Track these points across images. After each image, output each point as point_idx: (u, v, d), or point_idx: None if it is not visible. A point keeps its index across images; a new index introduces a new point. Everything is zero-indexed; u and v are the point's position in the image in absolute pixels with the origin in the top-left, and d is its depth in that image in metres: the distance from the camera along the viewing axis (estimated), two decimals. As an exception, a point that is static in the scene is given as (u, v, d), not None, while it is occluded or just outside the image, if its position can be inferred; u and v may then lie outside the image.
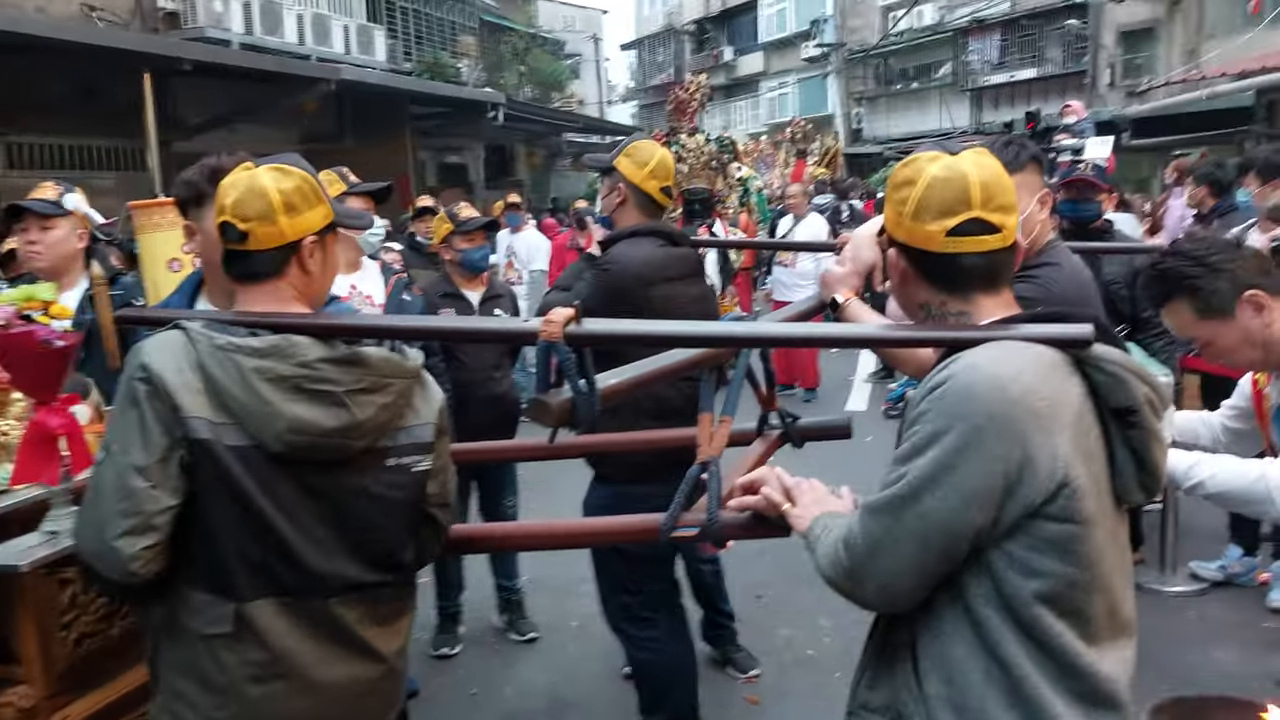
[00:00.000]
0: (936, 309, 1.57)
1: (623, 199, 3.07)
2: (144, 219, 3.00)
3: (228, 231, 1.75)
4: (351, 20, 15.27)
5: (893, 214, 1.57)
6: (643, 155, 3.07)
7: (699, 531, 1.76)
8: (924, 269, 1.55)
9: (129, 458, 1.63)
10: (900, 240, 1.56)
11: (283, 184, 1.75)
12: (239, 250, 1.76)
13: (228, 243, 1.76)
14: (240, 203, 1.73)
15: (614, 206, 3.09)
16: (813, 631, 4.35)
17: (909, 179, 1.55)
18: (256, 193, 1.73)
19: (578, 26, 36.57)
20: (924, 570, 1.43)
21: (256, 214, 1.73)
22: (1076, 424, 1.41)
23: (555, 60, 25.54)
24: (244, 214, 1.73)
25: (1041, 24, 23.86)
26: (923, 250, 1.53)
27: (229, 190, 1.76)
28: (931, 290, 1.56)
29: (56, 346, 2.10)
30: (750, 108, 34.75)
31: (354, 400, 1.71)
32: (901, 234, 1.56)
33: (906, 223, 1.54)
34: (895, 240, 1.58)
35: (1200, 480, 2.07)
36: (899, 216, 1.55)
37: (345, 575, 1.75)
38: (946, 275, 1.55)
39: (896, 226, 1.56)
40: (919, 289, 1.57)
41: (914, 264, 1.56)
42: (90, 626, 2.27)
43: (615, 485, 3.09)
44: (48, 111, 10.74)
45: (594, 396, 1.59)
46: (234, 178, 1.78)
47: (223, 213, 1.75)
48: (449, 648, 4.35)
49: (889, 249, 1.61)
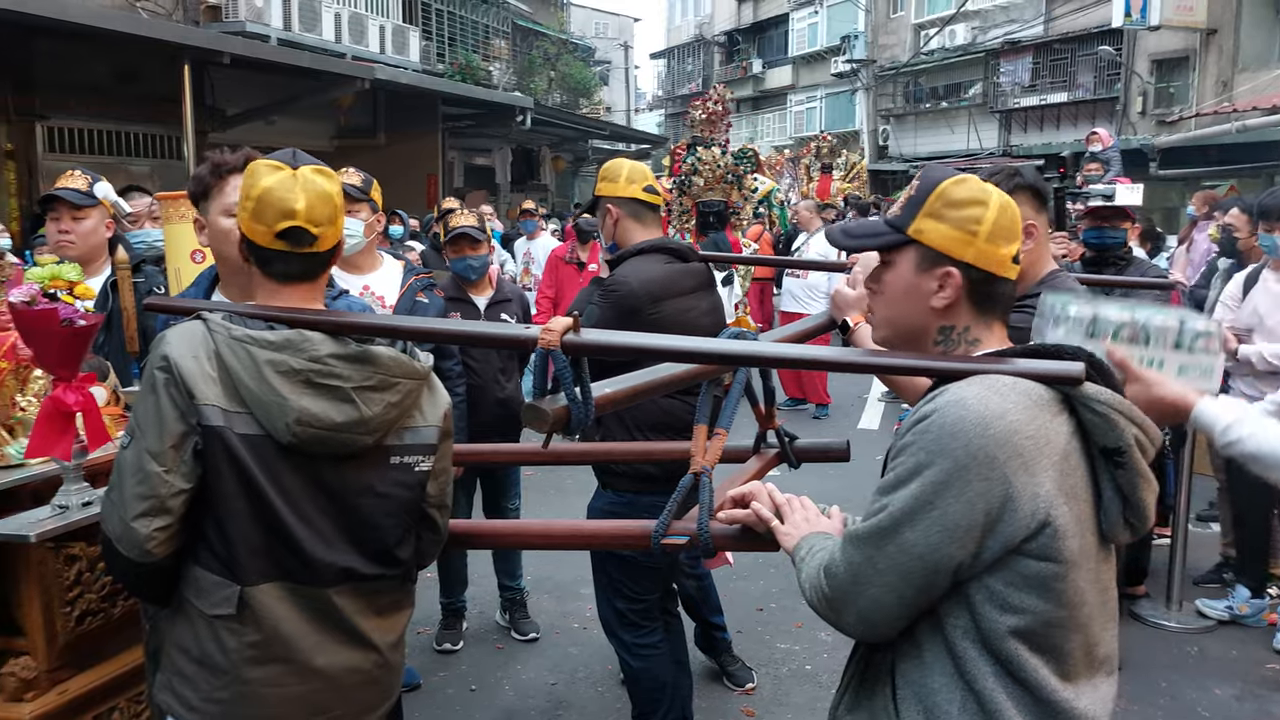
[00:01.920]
0: (957, 335, 1.55)
1: (615, 217, 3.13)
2: (170, 209, 3.05)
3: (301, 237, 1.76)
4: (388, 20, 15.42)
5: (959, 233, 1.51)
6: (613, 171, 3.19)
7: (688, 540, 1.78)
8: (979, 292, 1.53)
9: (146, 442, 1.69)
10: (964, 260, 1.51)
11: (333, 186, 1.81)
12: (304, 253, 1.79)
13: (295, 247, 1.77)
14: (313, 208, 1.76)
15: (612, 229, 3.14)
16: (812, 645, 4.37)
17: (976, 199, 1.52)
18: (324, 198, 1.78)
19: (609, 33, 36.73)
20: (903, 602, 1.43)
21: (327, 218, 1.78)
22: (1062, 463, 1.40)
23: (585, 67, 25.63)
24: (317, 219, 1.77)
25: (1074, 48, 23.73)
26: (987, 273, 1.51)
27: (288, 195, 1.76)
28: (970, 314, 1.54)
29: (78, 326, 2.16)
30: (777, 120, 34.77)
31: (362, 397, 1.75)
32: (970, 254, 1.51)
33: (980, 244, 1.50)
34: (955, 259, 1.51)
35: (1239, 438, 1.89)
36: (970, 236, 1.51)
37: (346, 566, 1.79)
38: (992, 301, 1.54)
39: (965, 246, 1.51)
40: (957, 312, 1.54)
41: (970, 286, 1.52)
42: (93, 604, 2.33)
43: (620, 493, 3.13)
44: (88, 97, 10.91)
45: (589, 405, 1.62)
46: (279, 180, 1.77)
47: (292, 218, 1.75)
48: (451, 643, 4.39)
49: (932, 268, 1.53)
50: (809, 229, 9.33)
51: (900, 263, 1.57)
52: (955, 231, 1.52)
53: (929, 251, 1.53)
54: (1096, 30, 22.23)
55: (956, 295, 1.53)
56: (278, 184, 1.77)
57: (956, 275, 1.52)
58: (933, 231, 1.53)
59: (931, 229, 1.53)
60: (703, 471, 1.83)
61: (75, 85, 10.69)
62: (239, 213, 1.80)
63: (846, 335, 2.10)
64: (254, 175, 1.79)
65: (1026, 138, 25.01)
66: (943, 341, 1.56)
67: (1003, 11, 25.40)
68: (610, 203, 3.13)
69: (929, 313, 1.55)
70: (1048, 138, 24.09)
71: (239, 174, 2.08)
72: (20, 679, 2.16)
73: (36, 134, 10.71)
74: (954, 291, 1.52)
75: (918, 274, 1.55)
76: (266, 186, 1.76)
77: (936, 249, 1.53)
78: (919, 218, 1.54)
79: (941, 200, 1.53)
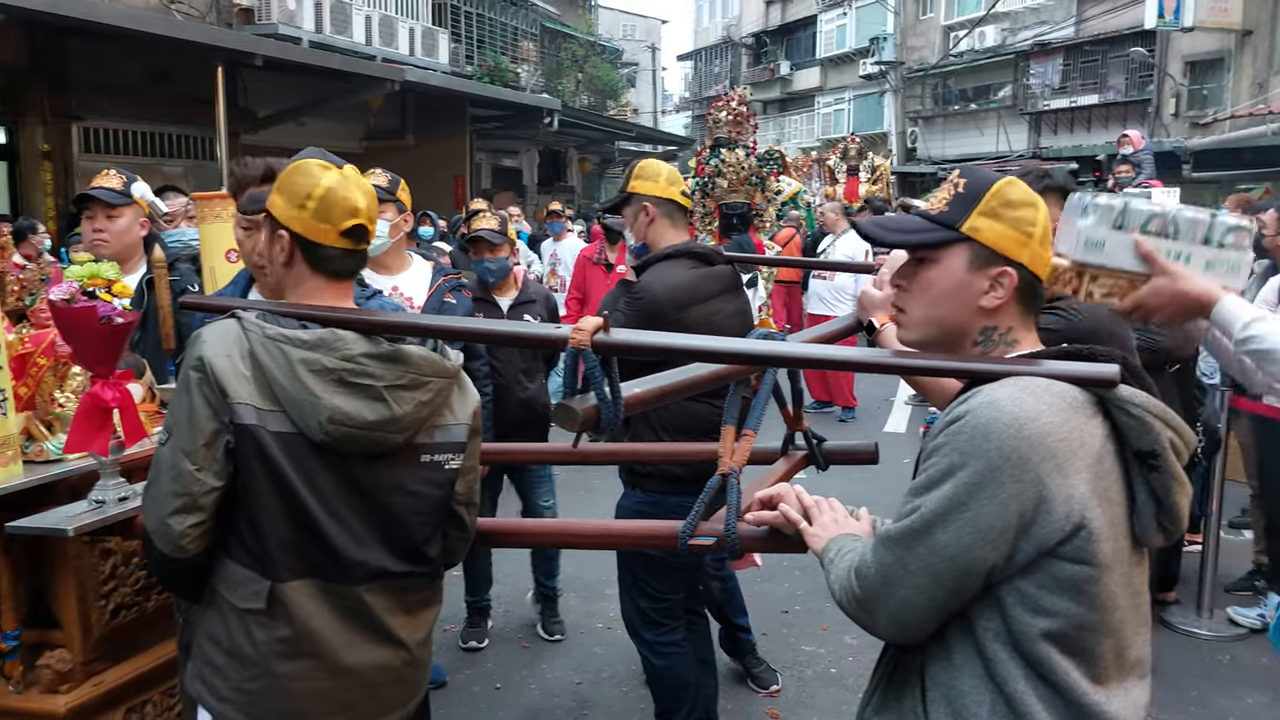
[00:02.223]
0: (999, 335, 1.54)
1: (651, 217, 3.12)
2: (206, 209, 3.10)
3: (363, 234, 1.83)
4: (417, 23, 15.51)
5: (1015, 233, 1.51)
6: (652, 170, 3.18)
7: (715, 541, 1.79)
8: (1027, 293, 1.53)
9: (179, 441, 1.72)
10: (1019, 261, 1.51)
11: (371, 188, 1.87)
12: (358, 249, 1.85)
13: (356, 244, 1.83)
14: (370, 206, 1.83)
15: (645, 228, 3.14)
16: (837, 648, 4.36)
17: (1029, 200, 1.52)
18: (371, 195, 1.85)
19: (637, 35, 36.77)
20: (934, 604, 1.43)
21: (376, 215, 1.86)
22: (1096, 466, 1.40)
23: (612, 69, 25.67)
24: (373, 216, 1.84)
25: (1106, 50, 23.51)
26: (1035, 275, 1.53)
27: (348, 195, 1.80)
28: (1016, 315, 1.54)
29: (116, 323, 2.19)
30: (805, 122, 34.65)
31: (393, 395, 1.77)
32: (1025, 255, 1.51)
33: (1034, 246, 1.51)
34: (1011, 260, 1.51)
35: (1257, 334, 1.84)
36: (1026, 237, 1.51)
37: (376, 564, 1.81)
38: (1035, 303, 1.55)
39: (1021, 247, 1.51)
40: (1004, 313, 1.54)
41: (1022, 288, 1.52)
42: (128, 598, 2.37)
43: (647, 493, 3.13)
44: (122, 98, 11.05)
45: (618, 404, 1.63)
46: (340, 180, 1.81)
47: (356, 216, 1.80)
48: (476, 641, 4.42)
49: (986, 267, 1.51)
50: (834, 230, 9.29)
51: (949, 260, 1.54)
52: (1012, 232, 1.51)
53: (984, 250, 1.52)
54: (1128, 31, 22.02)
55: (1009, 296, 1.52)
56: (338, 184, 1.81)
57: (1014, 275, 1.51)
58: (989, 230, 1.52)
59: (987, 227, 1.52)
60: (730, 473, 1.84)
61: (110, 87, 10.84)
62: (293, 213, 1.81)
63: (872, 336, 2.10)
64: (310, 176, 1.81)
65: (1056, 140, 24.80)
66: (983, 342, 1.55)
67: (1033, 13, 25.21)
68: (648, 201, 3.12)
69: (976, 312, 1.54)
70: (1078, 140, 23.89)
71: None
72: (56, 671, 2.20)
73: (72, 135, 10.86)
74: (1007, 292, 1.52)
75: (969, 272, 1.53)
76: (328, 186, 1.80)
77: (992, 248, 1.52)
78: (974, 215, 1.53)
79: (998, 199, 1.53)
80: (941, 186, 1.61)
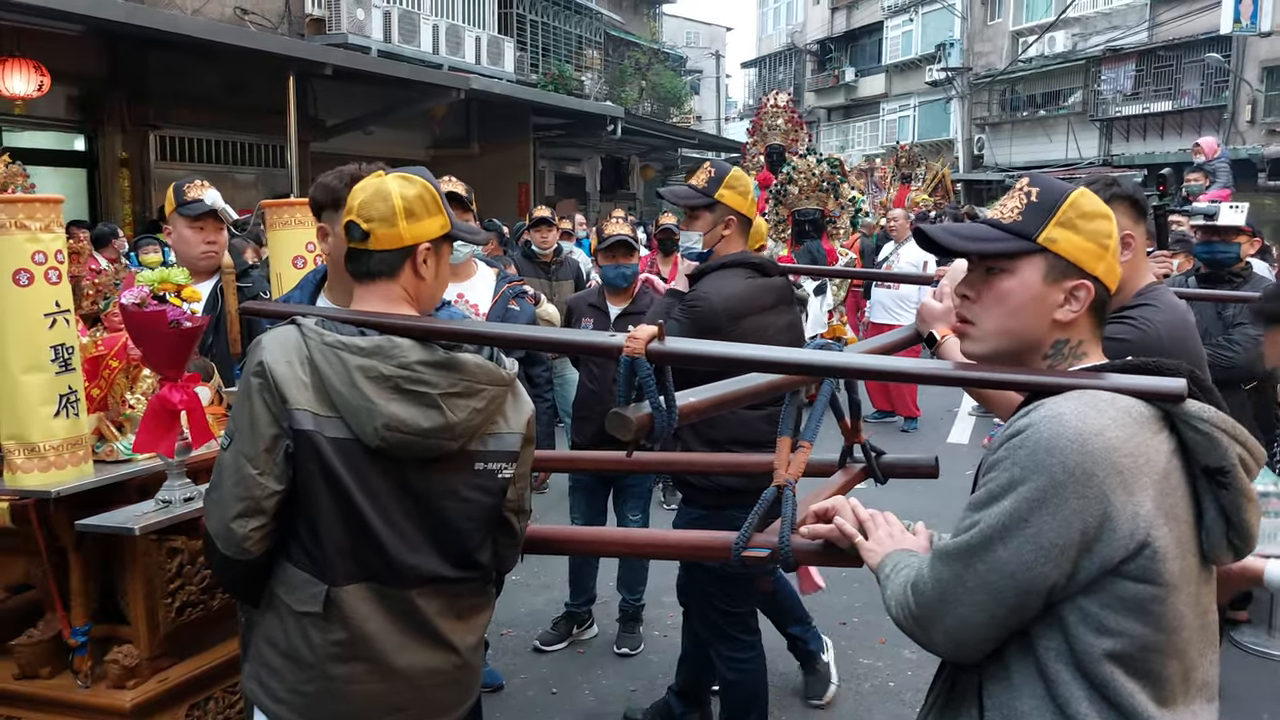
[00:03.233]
0: (1070, 349, 1.51)
1: (731, 230, 3.10)
2: (274, 216, 3.16)
3: (352, 230, 1.85)
4: (483, 32, 15.69)
5: (1093, 245, 1.49)
6: (744, 184, 3.13)
7: (769, 554, 1.77)
8: (1099, 307, 1.51)
9: (242, 445, 1.76)
10: (1095, 274, 1.49)
11: (406, 191, 1.85)
12: (360, 249, 1.86)
13: (351, 241, 1.86)
14: (366, 204, 1.84)
15: (718, 237, 3.11)
16: (895, 662, 4.30)
17: (1103, 212, 1.50)
18: (381, 196, 1.84)
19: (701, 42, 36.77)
20: (994, 622, 1.40)
21: (379, 216, 1.83)
22: (1162, 483, 1.36)
23: (676, 76, 25.70)
24: (368, 215, 1.83)
25: (1180, 55, 22.92)
26: (1107, 288, 1.51)
27: (358, 192, 1.87)
28: (1088, 329, 1.52)
29: (185, 327, 2.25)
30: (869, 129, 34.31)
31: (448, 403, 1.79)
32: (1101, 268, 1.49)
33: (1109, 258, 1.49)
34: (1088, 272, 1.49)
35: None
36: (1102, 249, 1.49)
37: (429, 569, 1.83)
38: (1105, 316, 1.54)
39: (1097, 259, 1.49)
40: (1078, 326, 1.51)
41: (1096, 302, 1.50)
42: (194, 596, 2.42)
43: (702, 509, 3.13)
44: (198, 108, 11.38)
45: (672, 413, 1.63)
46: (365, 181, 1.90)
47: (350, 212, 1.86)
48: (553, 643, 4.46)
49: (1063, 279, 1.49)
50: (900, 239, 9.17)
51: (1024, 271, 1.50)
52: (1090, 244, 1.48)
53: (1060, 262, 1.49)
54: (1204, 36, 21.47)
55: (1084, 309, 1.49)
56: (359, 184, 1.89)
57: (1090, 288, 1.48)
58: (1066, 242, 1.48)
59: (1064, 239, 1.49)
60: (785, 484, 1.82)
61: (187, 96, 11.16)
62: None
63: (934, 348, 2.07)
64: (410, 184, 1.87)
65: (1129, 147, 24.24)
66: (1053, 355, 1.52)
67: (1104, 18, 24.68)
68: (734, 214, 3.09)
69: (1050, 325, 1.51)
70: (1150, 147, 23.33)
71: None
72: (123, 666, 2.26)
73: (149, 143, 11.20)
74: (1083, 305, 1.49)
75: (1045, 284, 1.49)
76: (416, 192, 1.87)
77: (1070, 260, 1.48)
78: (1050, 226, 1.49)
79: (1075, 210, 1.49)
80: (1010, 194, 1.57)
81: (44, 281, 2.20)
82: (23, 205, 2.20)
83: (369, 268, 1.88)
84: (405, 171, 1.92)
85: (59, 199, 2.31)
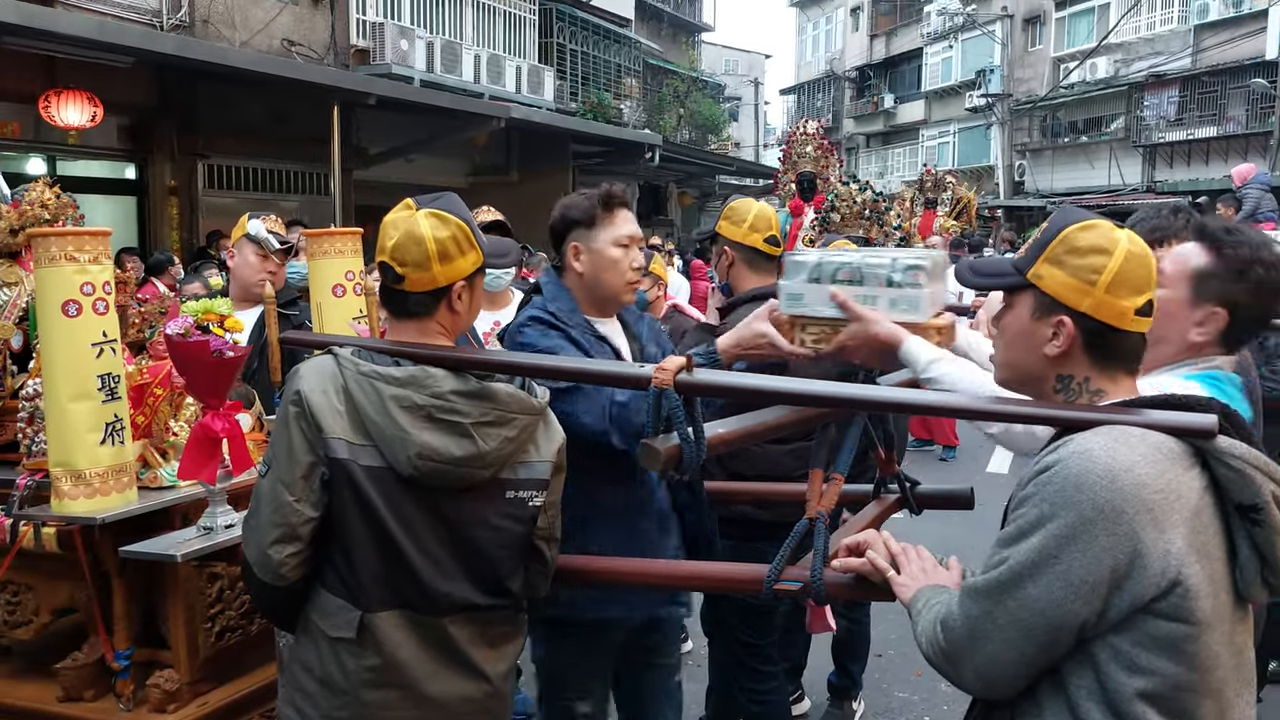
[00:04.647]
0: (1077, 384, 1.51)
1: (730, 260, 3.09)
2: (315, 246, 3.22)
3: (387, 272, 1.86)
4: (524, 61, 15.89)
5: (1076, 281, 1.48)
6: (739, 213, 3.10)
7: (801, 587, 1.77)
8: (1095, 343, 1.49)
9: (279, 472, 1.79)
10: (1081, 310, 1.48)
11: (439, 233, 1.84)
12: (396, 290, 1.88)
13: (386, 281, 1.88)
14: (400, 248, 1.84)
15: (725, 271, 3.12)
16: (931, 695, 4.24)
17: (1100, 247, 1.48)
18: (415, 240, 1.83)
19: (740, 70, 36.92)
20: (1024, 660, 1.39)
21: (413, 260, 1.84)
22: (1193, 520, 1.36)
23: (714, 104, 25.81)
24: (402, 259, 1.84)
25: (1224, 81, 22.62)
26: (1105, 325, 1.47)
27: (391, 232, 1.86)
28: (1088, 365, 1.50)
29: (227, 357, 2.30)
30: (908, 155, 34.18)
31: (480, 432, 1.81)
32: (1087, 304, 1.47)
33: (1098, 294, 1.47)
34: (1070, 309, 1.48)
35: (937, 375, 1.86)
36: (1088, 286, 1.47)
37: (460, 596, 1.85)
38: (1113, 353, 1.50)
39: (1082, 296, 1.47)
40: (1072, 362, 1.51)
41: (1087, 337, 1.49)
42: (233, 621, 2.46)
43: (727, 540, 3.11)
44: (244, 137, 11.64)
45: (701, 444, 1.64)
46: (396, 217, 1.88)
47: (383, 253, 1.87)
48: None
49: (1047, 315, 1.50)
50: (937, 267, 9.09)
51: (1019, 306, 1.55)
52: (1072, 280, 1.49)
53: (1044, 298, 1.51)
54: (1249, 62, 21.21)
55: (1069, 345, 1.49)
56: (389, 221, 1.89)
57: (1069, 325, 1.49)
58: (1050, 278, 1.51)
59: (1049, 275, 1.51)
60: (818, 517, 1.82)
61: (234, 126, 11.41)
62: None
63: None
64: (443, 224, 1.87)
65: (1172, 173, 23.93)
66: (1062, 390, 1.53)
67: (1147, 44, 24.45)
68: (728, 245, 3.09)
69: (1044, 360, 1.53)
70: (1195, 173, 23.00)
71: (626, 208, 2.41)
72: (164, 690, 2.29)
73: (197, 171, 11.47)
74: (1067, 341, 1.49)
75: (1033, 320, 1.52)
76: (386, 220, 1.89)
77: (1052, 296, 1.50)
78: (1040, 262, 1.52)
79: (1064, 246, 1.51)
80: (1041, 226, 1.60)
81: (92, 312, 2.26)
82: (72, 238, 2.26)
83: (405, 308, 1.90)
84: (436, 206, 1.89)
85: (107, 231, 2.37)
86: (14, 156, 10.04)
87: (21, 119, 9.74)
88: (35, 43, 8.49)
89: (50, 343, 2.26)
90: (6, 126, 9.79)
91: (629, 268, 2.42)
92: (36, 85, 9.22)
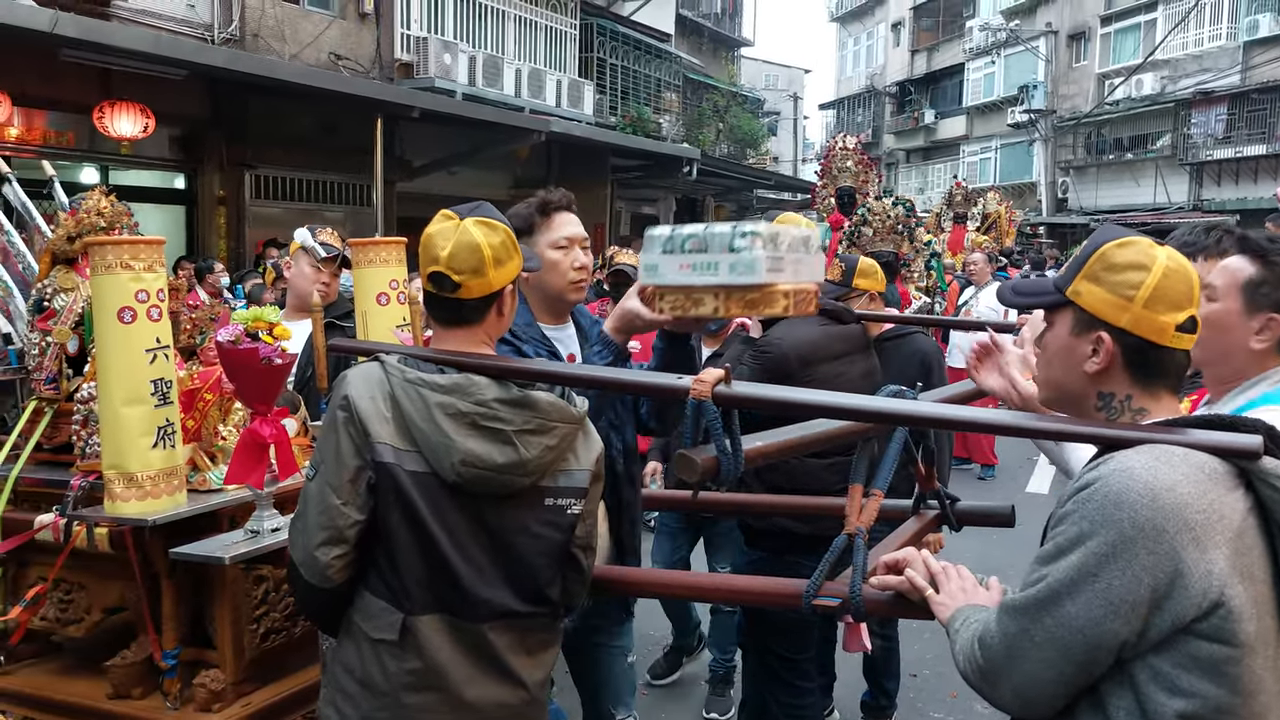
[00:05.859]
0: (1119, 402, 1.51)
1: None
2: (360, 255, 3.27)
3: (443, 282, 1.89)
4: (564, 75, 16.01)
5: (1114, 297, 1.48)
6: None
7: (840, 604, 1.77)
8: (1136, 360, 1.49)
9: (327, 476, 1.83)
10: (1120, 326, 1.48)
11: (492, 240, 1.89)
12: (450, 298, 1.90)
13: (441, 291, 1.90)
14: (455, 257, 1.86)
15: None
16: (968, 716, 4.21)
17: (1138, 263, 1.48)
18: (470, 249, 1.87)
19: (779, 84, 36.90)
20: (1062, 679, 1.38)
21: (470, 268, 1.87)
22: (1236, 541, 1.34)
23: (753, 118, 25.79)
24: (459, 267, 1.87)
25: (1274, 98, 22.28)
26: (1146, 341, 1.47)
27: (441, 243, 1.89)
28: (1129, 383, 1.50)
29: (275, 364, 2.35)
30: (948, 171, 33.96)
31: (522, 440, 1.84)
32: (1125, 320, 1.47)
33: (1136, 309, 1.46)
34: (1109, 324, 1.49)
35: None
36: (1126, 301, 1.47)
37: (500, 603, 1.87)
38: (1154, 370, 1.50)
39: (1120, 311, 1.47)
40: (1113, 379, 1.50)
41: (1127, 353, 1.49)
42: (278, 623, 2.50)
43: (762, 551, 3.12)
44: (292, 148, 11.84)
45: (738, 457, 1.65)
46: (441, 228, 1.91)
47: (436, 264, 1.88)
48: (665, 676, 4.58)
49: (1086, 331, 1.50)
50: (980, 282, 9.02)
51: (1059, 324, 1.56)
52: (1110, 295, 1.49)
53: (1083, 314, 1.52)
54: (1301, 78, 20.89)
55: (1109, 361, 1.50)
56: (436, 231, 1.91)
57: (1108, 341, 1.49)
58: (1088, 294, 1.51)
59: (1088, 291, 1.51)
60: (857, 533, 1.82)
61: (282, 137, 11.61)
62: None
63: None
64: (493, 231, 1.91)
65: (1219, 192, 23.58)
66: (1104, 408, 1.53)
67: (1195, 60, 24.15)
68: None
69: (1084, 377, 1.53)
70: (1243, 192, 22.66)
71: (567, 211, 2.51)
72: (210, 690, 2.34)
73: (245, 181, 11.67)
74: (1106, 357, 1.49)
75: (1072, 336, 1.53)
76: (428, 232, 1.91)
77: (1091, 312, 1.50)
78: (1078, 279, 1.53)
79: (1101, 263, 1.51)
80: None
81: (146, 319, 2.31)
82: (128, 246, 2.32)
83: (461, 316, 1.93)
84: (478, 214, 1.93)
85: (161, 240, 2.43)
86: (69, 166, 10.27)
87: (77, 129, 9.98)
88: (93, 55, 8.71)
89: (105, 348, 2.32)
90: (63, 136, 10.04)
91: (570, 267, 2.49)
92: (92, 96, 9.44)
